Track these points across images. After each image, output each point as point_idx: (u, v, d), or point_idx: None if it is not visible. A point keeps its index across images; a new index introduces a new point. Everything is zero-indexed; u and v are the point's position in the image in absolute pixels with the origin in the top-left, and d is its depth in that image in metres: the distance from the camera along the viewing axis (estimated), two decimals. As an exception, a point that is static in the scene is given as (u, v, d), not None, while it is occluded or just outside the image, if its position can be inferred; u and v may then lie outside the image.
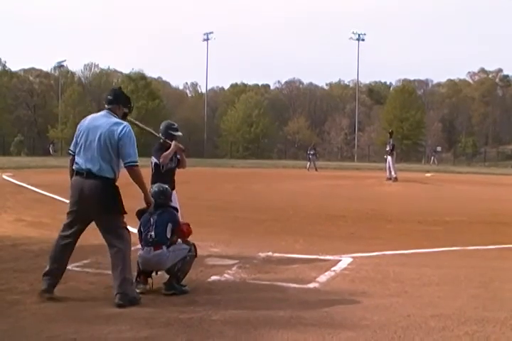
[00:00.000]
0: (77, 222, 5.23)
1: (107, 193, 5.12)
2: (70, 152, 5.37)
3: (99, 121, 5.28)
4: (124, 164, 5.15)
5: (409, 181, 22.64)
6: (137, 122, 7.81)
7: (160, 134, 7.28)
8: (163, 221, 5.56)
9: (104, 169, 5.11)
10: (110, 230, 5.18)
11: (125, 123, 5.31)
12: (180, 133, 7.40)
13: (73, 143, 5.37)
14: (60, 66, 79.15)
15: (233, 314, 4.84)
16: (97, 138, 5.14)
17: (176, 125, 7.50)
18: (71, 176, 5.30)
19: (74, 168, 5.24)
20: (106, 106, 5.41)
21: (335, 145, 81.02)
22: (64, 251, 5.26)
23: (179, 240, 5.71)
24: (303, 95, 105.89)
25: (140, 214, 5.72)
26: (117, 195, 5.19)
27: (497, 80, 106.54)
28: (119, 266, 5.08)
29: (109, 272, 5.22)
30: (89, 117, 5.45)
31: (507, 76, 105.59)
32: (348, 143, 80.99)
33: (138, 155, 5.23)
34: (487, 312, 4.98)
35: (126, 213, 5.28)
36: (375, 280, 6.20)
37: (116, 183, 5.27)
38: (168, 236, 5.55)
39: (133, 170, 5.15)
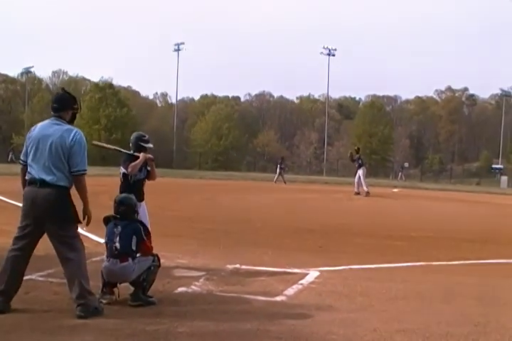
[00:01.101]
0: (29, 234, 5.07)
1: (61, 202, 4.99)
2: (21, 162, 5.24)
3: (50, 129, 5.15)
4: (72, 172, 5.03)
5: (376, 196, 22.85)
6: (102, 144, 7.76)
7: (130, 145, 7.19)
8: (128, 233, 5.48)
9: (58, 178, 4.99)
10: (63, 241, 5.04)
11: (76, 129, 5.18)
12: (151, 145, 7.24)
13: (23, 152, 5.23)
14: (27, 72, 78.19)
15: (199, 326, 4.81)
16: (48, 147, 5.02)
17: (147, 136, 7.33)
18: (23, 186, 5.17)
19: (27, 177, 5.11)
20: (53, 113, 5.26)
21: (304, 159, 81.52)
22: (17, 265, 5.08)
23: None
24: (273, 108, 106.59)
25: (107, 220, 5.64)
26: (71, 204, 5.06)
27: (463, 99, 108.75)
28: (75, 278, 4.99)
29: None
30: (39, 125, 5.28)
31: (473, 95, 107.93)
32: (317, 157, 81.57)
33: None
34: (451, 327, 5.04)
35: (80, 222, 5.15)
36: (342, 294, 6.22)
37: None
38: (134, 248, 5.48)
39: (80, 179, 5.05)
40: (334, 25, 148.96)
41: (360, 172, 23.37)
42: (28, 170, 5.12)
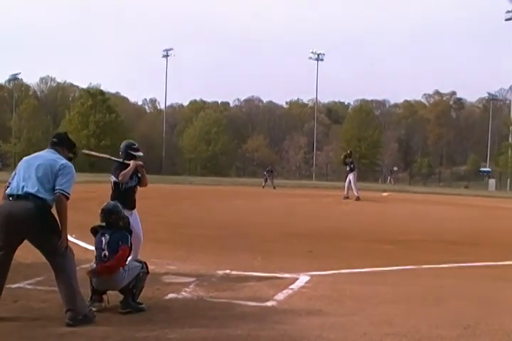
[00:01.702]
0: (5, 246, 5.01)
1: (43, 214, 4.94)
2: (7, 184, 5.17)
3: (43, 153, 5.26)
4: (56, 190, 4.97)
5: (366, 200, 22.90)
6: (92, 153, 7.76)
7: (120, 153, 7.17)
8: (116, 240, 5.46)
9: (41, 192, 4.95)
10: (52, 251, 5.02)
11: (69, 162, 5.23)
12: (141, 154, 7.24)
13: (11, 176, 5.22)
14: (14, 79, 77.85)
15: (190, 332, 4.80)
16: (36, 167, 5.04)
17: (137, 145, 7.33)
18: None
19: (6, 192, 5.05)
20: (49, 147, 5.31)
21: (293, 164, 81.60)
22: None
23: (129, 259, 5.63)
24: (262, 113, 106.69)
25: (95, 231, 5.63)
26: (53, 216, 5.02)
27: (451, 102, 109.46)
28: (65, 285, 4.98)
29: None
30: (32, 154, 5.35)
31: (460, 99, 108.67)
32: (306, 161, 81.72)
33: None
34: (440, 329, 5.05)
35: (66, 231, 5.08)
36: (332, 298, 6.23)
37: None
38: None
39: (62, 199, 4.98)
40: (323, 30, 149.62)
41: (350, 176, 23.36)
42: (9, 186, 5.08)
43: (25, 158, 5.30)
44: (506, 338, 4.84)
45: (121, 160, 7.05)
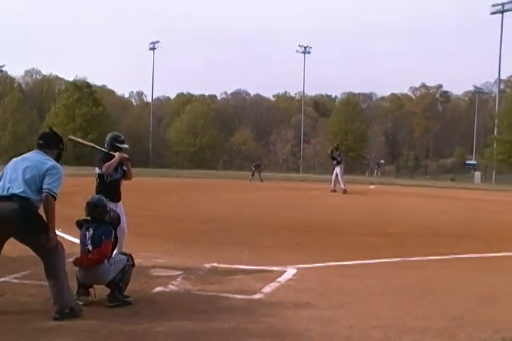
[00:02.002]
0: None
1: (28, 215, 4.89)
2: None
3: (30, 155, 5.22)
4: (43, 189, 4.93)
5: (353, 193, 22.98)
6: (79, 139, 7.67)
7: (105, 145, 7.12)
8: (100, 234, 5.44)
9: (27, 193, 4.91)
10: (41, 249, 5.00)
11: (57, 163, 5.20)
12: (126, 146, 7.19)
13: None
14: (-2, 71, 77.14)
15: (177, 325, 4.79)
16: (23, 169, 5.02)
17: (123, 137, 7.27)
18: None
19: None
20: (37, 149, 5.28)
21: (280, 157, 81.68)
22: None
23: (114, 252, 5.61)
24: (249, 106, 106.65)
25: (80, 224, 5.60)
26: (38, 214, 4.98)
27: (437, 96, 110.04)
28: (54, 279, 4.97)
29: (47, 283, 5.07)
30: (20, 156, 5.31)
31: (447, 92, 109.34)
32: (293, 154, 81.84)
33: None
34: (427, 321, 5.09)
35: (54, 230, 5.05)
36: (319, 291, 6.25)
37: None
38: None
39: (49, 199, 4.94)
40: (310, 23, 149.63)
41: (337, 169, 23.38)
42: None
43: (13, 160, 5.27)
44: (492, 329, 4.88)
45: (106, 150, 7.00)
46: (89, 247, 5.41)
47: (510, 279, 7.47)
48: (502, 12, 57.57)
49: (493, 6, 58.30)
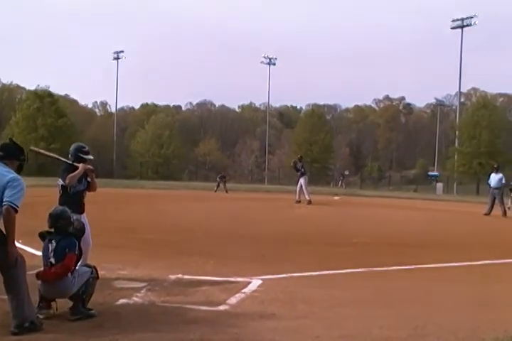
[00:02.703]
0: None
1: None
2: None
3: None
4: (4, 202, 4.81)
5: (318, 204, 23.11)
6: (41, 150, 7.52)
7: (69, 156, 7.01)
8: (63, 247, 5.34)
9: None
10: (2, 261, 4.89)
11: (18, 176, 5.08)
12: (91, 157, 7.07)
13: None
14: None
15: (142, 338, 4.74)
16: None
17: (87, 148, 7.15)
18: None
19: None
20: None
21: (245, 168, 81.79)
22: None
23: (78, 264, 5.52)
24: (214, 117, 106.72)
25: (42, 236, 5.49)
26: None
27: (400, 107, 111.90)
28: (14, 292, 4.86)
29: (6, 297, 4.96)
30: None
31: (409, 104, 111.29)
32: (258, 165, 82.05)
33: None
34: (391, 331, 5.14)
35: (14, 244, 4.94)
36: (284, 301, 6.25)
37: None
38: None
39: (9, 211, 4.81)
40: (275, 34, 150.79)
41: (302, 180, 23.53)
42: None
43: None
44: (453, 337, 4.95)
45: (70, 161, 6.89)
46: (52, 260, 5.30)
47: (472, 287, 7.59)
48: (462, 27, 59.09)
49: (453, 21, 59.83)
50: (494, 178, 21.06)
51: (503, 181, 21.08)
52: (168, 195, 30.00)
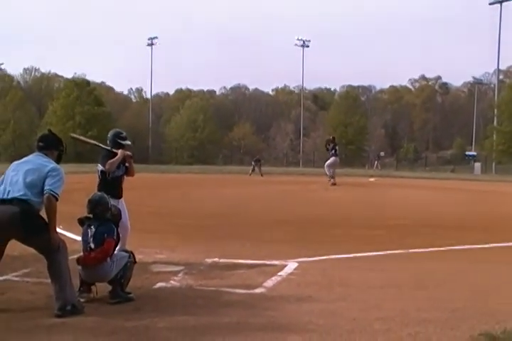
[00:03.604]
0: None
1: (28, 217, 4.88)
2: None
3: (31, 158, 5.25)
4: (45, 190, 4.94)
5: (353, 186, 22.97)
6: (81, 137, 7.70)
7: (108, 142, 7.11)
8: (102, 232, 5.44)
9: (28, 195, 4.92)
10: (43, 249, 5.03)
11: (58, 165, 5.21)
12: (129, 142, 7.21)
13: (0, 180, 5.17)
14: (-3, 69, 76.93)
15: (179, 321, 4.80)
16: (24, 172, 5.03)
17: (125, 133, 7.29)
18: None
19: None
20: (37, 151, 5.31)
21: (280, 151, 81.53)
22: None
23: (116, 249, 5.62)
24: (248, 101, 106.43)
25: (81, 222, 5.60)
26: (39, 217, 4.99)
27: (436, 87, 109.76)
28: (56, 276, 4.98)
29: (49, 281, 5.08)
30: (21, 159, 5.33)
31: (446, 83, 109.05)
32: (293, 148, 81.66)
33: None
34: (428, 313, 5.09)
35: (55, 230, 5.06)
36: (321, 284, 6.25)
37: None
38: None
39: (51, 199, 4.93)
40: (308, 16, 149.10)
41: (329, 160, 23.30)
42: None
43: (14, 163, 5.29)
44: (493, 320, 4.88)
45: (109, 148, 7.00)
46: (92, 245, 5.41)
47: (511, 269, 7.47)
48: (500, 2, 57.31)
49: (492, -4, 58.05)
50: None
51: None
52: (204, 179, 30.22)
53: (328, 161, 23.33)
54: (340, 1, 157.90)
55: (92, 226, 5.47)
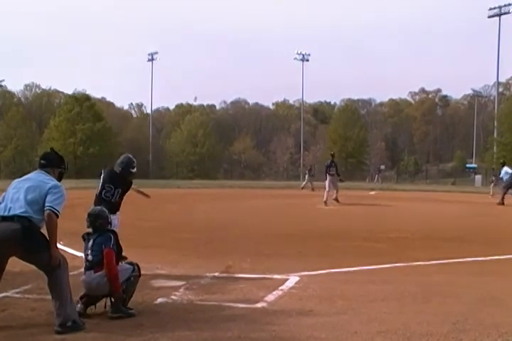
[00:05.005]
0: None
1: (29, 235, 4.88)
2: None
3: (31, 177, 5.27)
4: (45, 207, 4.96)
5: (354, 199, 22.94)
6: (140, 189, 8.64)
7: (118, 166, 7.56)
8: (99, 243, 5.46)
9: (29, 212, 4.94)
10: (44, 266, 5.03)
11: (59, 183, 5.25)
12: (135, 170, 7.72)
13: (1, 196, 5.19)
14: (-2, 86, 77.33)
15: (180, 336, 4.78)
16: (25, 189, 5.06)
17: (135, 162, 7.76)
18: None
19: None
20: (39, 169, 5.35)
21: (281, 165, 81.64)
22: None
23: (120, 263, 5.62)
24: (248, 115, 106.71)
25: (84, 238, 5.62)
26: (40, 234, 4.99)
27: (436, 100, 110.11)
28: (57, 292, 4.98)
29: (50, 297, 5.08)
30: (23, 177, 5.36)
31: (446, 96, 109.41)
32: (293, 162, 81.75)
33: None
34: (430, 326, 5.07)
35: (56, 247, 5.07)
36: (322, 298, 6.24)
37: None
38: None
39: (51, 216, 4.95)
40: (308, 30, 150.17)
41: (328, 179, 22.44)
42: None
43: (15, 181, 5.32)
44: (496, 332, 4.87)
45: (141, 189, 8.47)
46: (90, 257, 5.42)
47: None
48: (499, 15, 57.66)
49: (490, 9, 58.39)
50: None
51: None
52: (204, 194, 30.17)
53: (328, 181, 22.30)
54: (339, 13, 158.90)
55: (91, 239, 5.49)
